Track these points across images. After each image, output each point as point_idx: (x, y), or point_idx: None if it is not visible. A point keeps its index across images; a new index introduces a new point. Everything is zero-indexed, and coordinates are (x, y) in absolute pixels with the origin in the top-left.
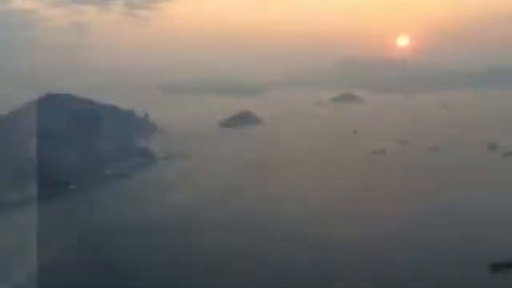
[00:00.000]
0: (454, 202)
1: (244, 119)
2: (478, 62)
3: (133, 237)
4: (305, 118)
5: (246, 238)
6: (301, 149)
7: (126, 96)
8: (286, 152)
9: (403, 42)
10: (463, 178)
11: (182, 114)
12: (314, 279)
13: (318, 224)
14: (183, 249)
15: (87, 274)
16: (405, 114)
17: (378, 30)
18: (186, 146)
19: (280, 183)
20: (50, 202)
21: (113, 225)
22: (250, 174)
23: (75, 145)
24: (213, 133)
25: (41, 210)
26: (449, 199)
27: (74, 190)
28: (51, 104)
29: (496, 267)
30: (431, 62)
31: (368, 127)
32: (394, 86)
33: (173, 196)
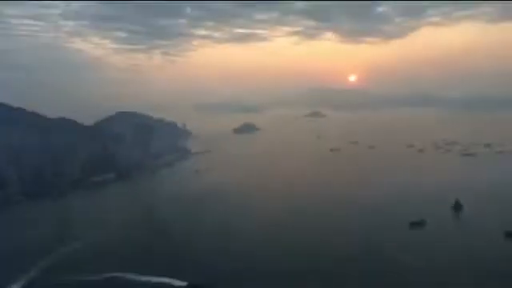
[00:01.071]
0: (384, 179)
1: (248, 128)
2: (404, 89)
3: (176, 205)
4: (287, 127)
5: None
6: (285, 146)
7: (171, 113)
8: (275, 148)
9: (352, 76)
10: (390, 165)
11: (208, 125)
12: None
13: (298, 189)
14: (216, 213)
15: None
16: (353, 124)
17: (335, 68)
18: (210, 145)
19: (271, 166)
20: (122, 183)
21: (163, 197)
22: (252, 162)
23: (137, 145)
24: (228, 136)
25: (116, 187)
26: (381, 178)
27: (138, 175)
28: (122, 118)
29: (510, 234)
30: (369, 90)
31: (328, 133)
32: (346, 106)
33: (201, 176)
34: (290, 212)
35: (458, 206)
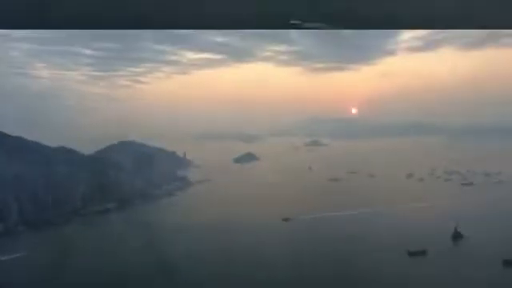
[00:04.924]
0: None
1: (248, 158)
2: (406, 117)
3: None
4: (287, 157)
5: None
6: (284, 177)
7: (170, 142)
8: (275, 176)
9: (351, 104)
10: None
11: (208, 154)
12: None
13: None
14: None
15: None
16: (353, 153)
17: (335, 95)
18: (210, 174)
19: (272, 192)
20: (123, 212)
21: (162, 226)
22: (253, 192)
23: (137, 174)
24: (228, 166)
25: (118, 217)
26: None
27: (138, 204)
28: (122, 147)
29: (508, 263)
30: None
31: (325, 163)
32: (345, 135)
33: (202, 206)
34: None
35: (457, 235)
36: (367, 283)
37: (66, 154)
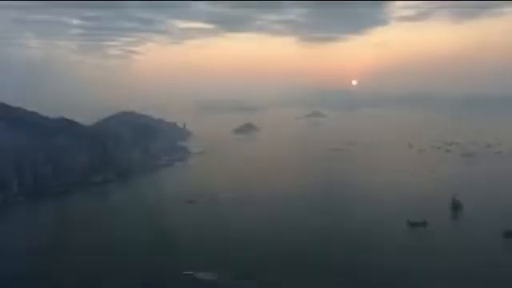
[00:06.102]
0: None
1: (248, 128)
2: (401, 89)
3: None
4: (287, 128)
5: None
6: (285, 148)
7: (171, 112)
8: (275, 149)
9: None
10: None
11: (209, 124)
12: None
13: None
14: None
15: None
16: (352, 124)
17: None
18: (210, 145)
19: (269, 166)
20: (122, 183)
21: (162, 198)
22: (251, 162)
23: (137, 145)
24: (228, 137)
25: (116, 188)
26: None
27: (136, 174)
28: (122, 118)
29: (509, 234)
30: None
31: (327, 133)
32: (344, 106)
33: (202, 176)
34: (287, 211)
35: (456, 205)
36: (367, 253)
37: (66, 125)
